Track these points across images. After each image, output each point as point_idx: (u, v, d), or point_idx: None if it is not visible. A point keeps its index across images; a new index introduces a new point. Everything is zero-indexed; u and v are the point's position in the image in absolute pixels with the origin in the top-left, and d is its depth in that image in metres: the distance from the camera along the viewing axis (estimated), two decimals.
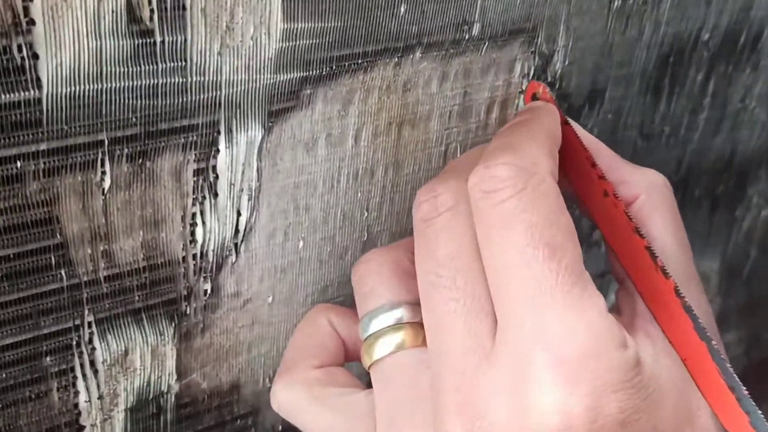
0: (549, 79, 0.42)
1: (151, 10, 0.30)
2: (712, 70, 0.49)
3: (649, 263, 0.35)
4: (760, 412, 0.33)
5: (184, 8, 0.30)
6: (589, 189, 0.37)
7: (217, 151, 0.34)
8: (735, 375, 0.33)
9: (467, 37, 0.38)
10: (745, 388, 0.33)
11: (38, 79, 0.29)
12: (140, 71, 0.30)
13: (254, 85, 0.33)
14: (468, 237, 0.33)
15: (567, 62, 0.42)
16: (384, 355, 0.35)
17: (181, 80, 0.31)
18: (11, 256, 0.31)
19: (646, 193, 0.38)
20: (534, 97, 0.39)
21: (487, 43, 0.38)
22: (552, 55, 0.41)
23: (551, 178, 0.33)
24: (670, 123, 0.49)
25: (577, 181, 0.38)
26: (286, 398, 0.37)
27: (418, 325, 0.35)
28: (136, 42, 0.30)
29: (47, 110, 0.29)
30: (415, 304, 0.36)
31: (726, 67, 0.49)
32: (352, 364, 0.38)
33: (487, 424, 0.31)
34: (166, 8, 0.30)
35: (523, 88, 0.41)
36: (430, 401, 0.33)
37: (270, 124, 0.34)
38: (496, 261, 0.32)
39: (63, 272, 0.32)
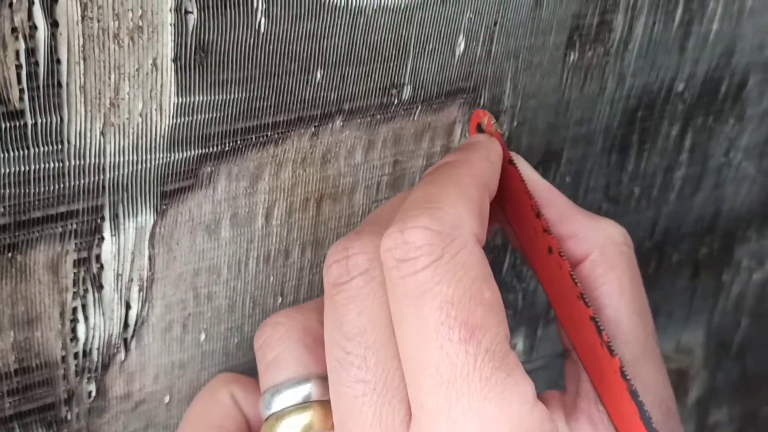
0: None
1: (21, 90, 0.31)
2: (689, 123, 0.51)
3: (593, 336, 0.36)
4: None
5: (59, 86, 0.31)
6: (533, 242, 0.39)
7: (102, 239, 0.35)
8: None
9: (396, 101, 0.39)
10: None
11: None
12: (8, 158, 0.32)
13: (144, 166, 0.35)
14: (383, 308, 0.34)
15: (515, 123, 0.44)
16: None
17: (57, 165, 0.33)
18: None
19: (600, 250, 0.39)
20: (479, 128, 0.41)
21: (420, 107, 0.40)
22: (498, 117, 0.43)
23: (474, 243, 0.34)
24: (641, 183, 0.51)
25: (520, 232, 0.39)
26: None
27: (329, 404, 0.36)
28: (3, 126, 0.31)
29: None
30: (327, 379, 0.36)
31: (705, 119, 0.51)
32: None
33: None
34: (38, 86, 0.31)
35: (462, 117, 0.42)
36: None
37: (163, 206, 0.36)
38: (408, 340, 0.33)
39: None
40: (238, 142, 0.36)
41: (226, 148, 0.36)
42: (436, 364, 0.32)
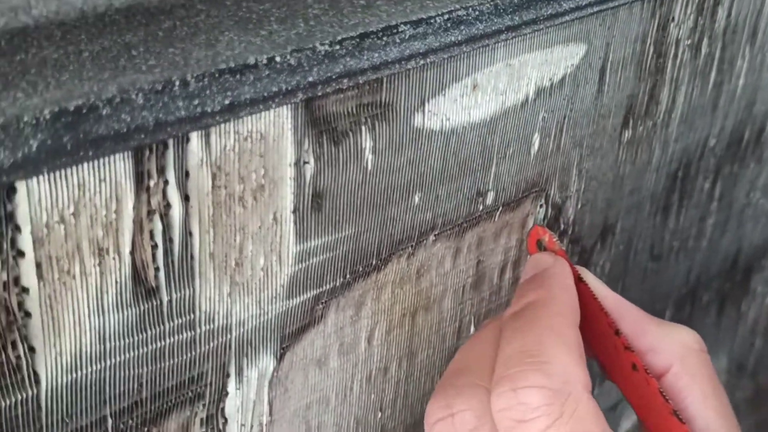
0: (562, 227, 0.44)
1: (156, 268, 0.30)
2: (719, 173, 0.52)
3: None
4: None
5: (192, 258, 0.30)
6: (613, 359, 0.39)
7: (226, 394, 0.34)
8: None
9: (481, 207, 0.39)
10: None
11: (35, 375, 0.28)
12: (146, 338, 0.30)
13: (266, 317, 0.34)
14: None
15: (579, 206, 0.44)
16: None
17: (189, 335, 0.32)
18: None
19: (680, 363, 0.39)
20: (539, 244, 0.41)
21: (501, 209, 0.40)
22: (564, 202, 0.43)
23: (588, 395, 0.34)
24: (680, 237, 0.52)
25: (598, 347, 0.39)
26: None
27: None
28: (142, 308, 0.30)
29: (46, 405, 0.29)
30: None
31: (731, 167, 0.52)
32: None
33: None
34: (172, 262, 0.30)
35: (534, 209, 0.42)
36: None
37: (281, 351, 0.35)
38: None
39: None
40: (347, 276, 0.36)
41: (337, 284, 0.35)
42: None
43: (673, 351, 0.39)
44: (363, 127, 0.33)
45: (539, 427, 0.32)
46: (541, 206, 0.42)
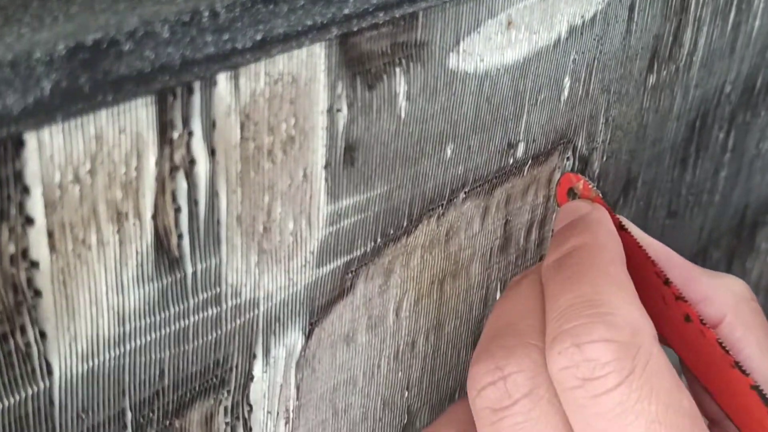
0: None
1: (179, 236, 0.26)
2: (733, 123, 0.49)
3: (759, 407, 0.34)
4: None
5: (218, 223, 0.26)
6: (662, 311, 0.36)
7: (252, 378, 0.30)
8: None
9: (511, 161, 0.36)
10: None
11: (48, 364, 0.24)
12: (168, 317, 0.26)
13: (295, 289, 0.30)
14: (560, 430, 0.31)
15: (605, 158, 0.41)
16: None
17: (215, 312, 0.28)
18: None
19: (734, 312, 0.36)
20: (571, 193, 0.38)
21: (530, 162, 0.37)
22: (591, 154, 0.40)
23: (658, 347, 0.30)
24: (695, 191, 0.49)
25: (644, 299, 0.36)
26: None
27: None
28: (165, 282, 0.26)
29: (60, 399, 0.25)
30: None
31: (744, 115, 0.50)
32: None
33: None
34: (197, 228, 0.26)
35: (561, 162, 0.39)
36: None
37: (310, 327, 0.31)
38: None
39: None
40: (378, 240, 0.32)
41: (368, 249, 0.32)
42: None
43: (726, 301, 0.36)
44: (397, 69, 0.29)
45: (609, 385, 0.29)
46: (567, 159, 0.39)
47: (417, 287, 0.35)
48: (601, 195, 0.37)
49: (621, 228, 0.36)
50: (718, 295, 0.37)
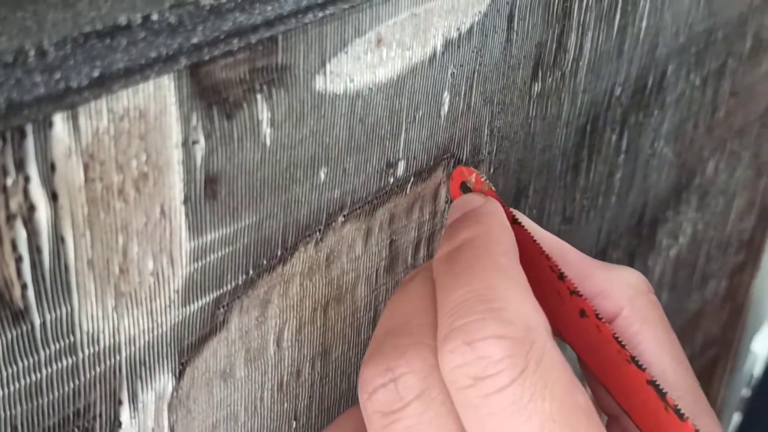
0: None
1: (23, 285, 0.24)
2: (625, 124, 0.49)
3: (655, 401, 0.34)
4: None
5: (66, 269, 0.25)
6: (556, 306, 0.35)
7: (119, 425, 0.29)
8: None
9: (392, 180, 0.35)
10: None
11: None
12: (17, 371, 0.25)
13: (160, 330, 0.28)
14: None
15: (492, 170, 0.40)
16: None
17: (70, 361, 0.26)
18: None
19: (630, 305, 0.36)
20: (464, 187, 0.37)
21: (412, 179, 0.36)
22: (477, 166, 0.39)
23: (552, 342, 0.30)
24: (590, 195, 0.49)
25: (537, 295, 0.35)
26: None
27: None
28: (9, 336, 0.24)
29: None
30: None
31: (637, 116, 0.49)
32: None
33: None
34: (42, 276, 0.24)
35: (447, 178, 0.38)
36: None
37: (180, 367, 0.30)
38: None
39: None
40: (251, 272, 0.31)
41: (240, 282, 0.30)
42: None
43: (623, 294, 0.36)
44: (258, 96, 0.28)
45: (501, 383, 0.28)
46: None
47: (298, 315, 0.34)
48: (494, 188, 0.36)
49: (514, 221, 0.35)
50: (614, 288, 0.36)
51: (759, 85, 0.62)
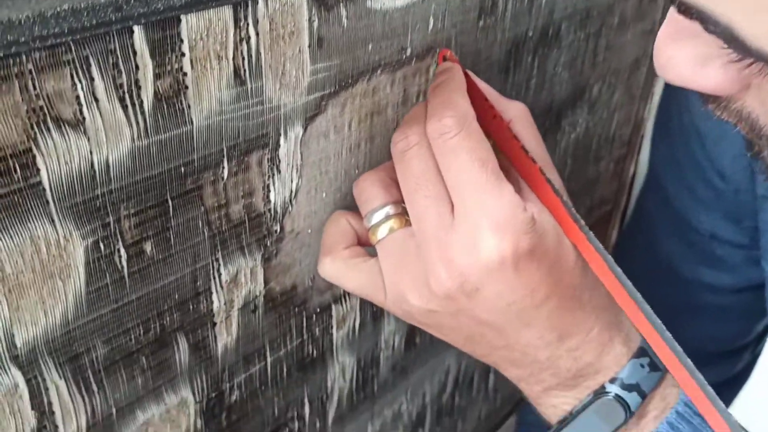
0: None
1: (244, 71, 0.41)
2: (536, 53, 0.64)
3: (522, 155, 0.49)
4: (591, 233, 0.47)
5: (264, 63, 0.42)
6: (485, 116, 0.49)
7: (279, 144, 0.46)
8: (579, 217, 0.48)
9: (405, 57, 0.51)
10: (584, 223, 0.47)
11: None
12: (241, 106, 0.42)
13: (297, 103, 0.46)
14: (431, 161, 0.45)
15: None
16: (383, 236, 0.46)
17: (261, 108, 0.44)
18: None
19: (516, 118, 0.50)
20: (444, 59, 0.53)
21: (415, 58, 0.52)
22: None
23: (476, 123, 0.45)
24: (515, 89, 0.64)
25: (473, 105, 0.49)
26: (331, 269, 0.49)
27: (400, 215, 0.47)
28: (239, 90, 0.42)
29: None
30: (396, 203, 0.46)
31: (543, 50, 0.64)
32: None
33: (456, 263, 0.44)
34: (252, 64, 0.42)
35: (436, 55, 0.53)
36: (418, 258, 0.45)
37: (305, 124, 0.47)
38: (452, 173, 0.44)
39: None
40: (337, 86, 0.48)
41: (333, 90, 0.47)
42: (469, 180, 0.44)
43: (513, 112, 0.50)
44: (341, 4, 0.45)
45: (451, 135, 0.43)
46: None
47: (359, 115, 0.50)
48: (459, 60, 0.52)
49: (467, 75, 0.51)
50: (509, 108, 0.50)
51: (627, 45, 0.75)
